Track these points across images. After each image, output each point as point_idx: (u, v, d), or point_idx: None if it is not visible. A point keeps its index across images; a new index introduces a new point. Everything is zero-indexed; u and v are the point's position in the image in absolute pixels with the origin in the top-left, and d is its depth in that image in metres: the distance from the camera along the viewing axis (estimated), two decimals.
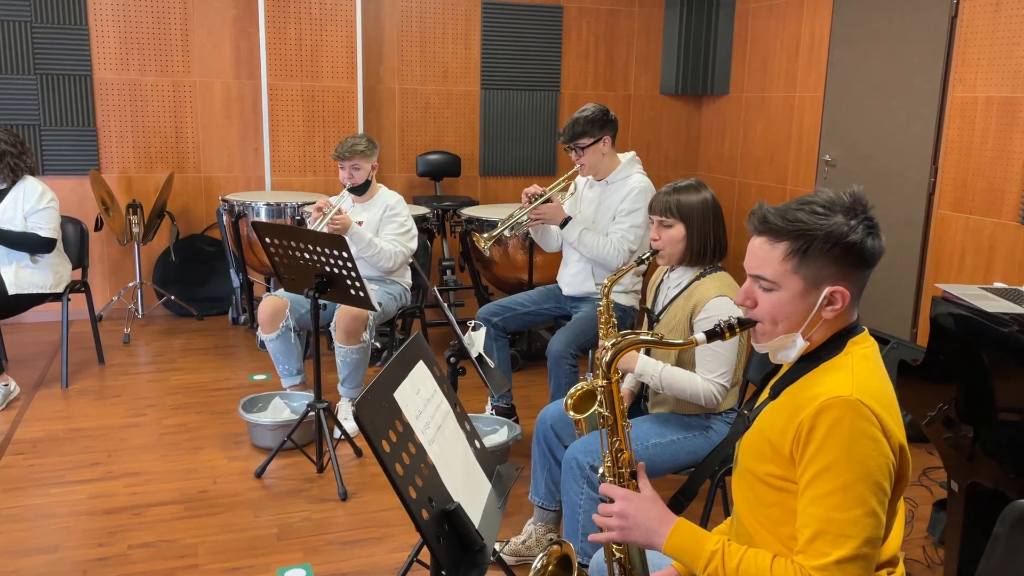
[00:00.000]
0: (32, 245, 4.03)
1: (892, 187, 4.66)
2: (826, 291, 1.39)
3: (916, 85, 4.48)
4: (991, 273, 4.11)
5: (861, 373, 1.37)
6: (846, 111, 5.01)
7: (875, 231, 1.40)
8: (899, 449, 1.35)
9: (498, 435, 3.48)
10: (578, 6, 6.05)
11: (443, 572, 1.42)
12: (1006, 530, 1.59)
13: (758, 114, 5.84)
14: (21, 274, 4.04)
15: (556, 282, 3.69)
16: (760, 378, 1.58)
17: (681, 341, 1.47)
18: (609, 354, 1.50)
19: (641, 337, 1.50)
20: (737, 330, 1.45)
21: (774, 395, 1.48)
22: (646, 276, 3.43)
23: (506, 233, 3.51)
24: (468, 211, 4.77)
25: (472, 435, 1.79)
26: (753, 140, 5.91)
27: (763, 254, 1.42)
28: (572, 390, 2.52)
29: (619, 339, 1.49)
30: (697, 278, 2.45)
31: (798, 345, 1.43)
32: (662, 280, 2.61)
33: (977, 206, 4.16)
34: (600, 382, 1.52)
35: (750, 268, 1.45)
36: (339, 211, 3.62)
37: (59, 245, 4.19)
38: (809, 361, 1.44)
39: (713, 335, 1.46)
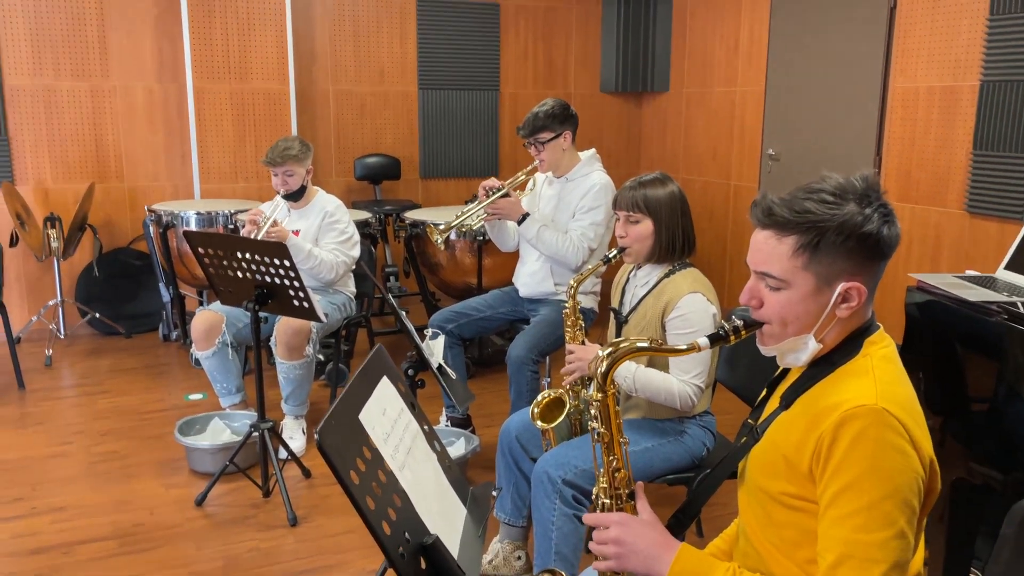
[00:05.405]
0: None
1: None
2: (840, 288, 1.27)
3: (857, 77, 4.48)
4: (938, 262, 4.13)
5: (884, 378, 1.25)
6: (788, 105, 5.00)
7: (891, 218, 1.28)
8: (928, 463, 1.24)
9: (455, 448, 3.32)
10: (515, 4, 5.92)
11: None
12: (1014, 531, 1.51)
13: (699, 110, 5.81)
14: None
15: (510, 283, 3.55)
16: (767, 384, 1.45)
17: (684, 346, 1.33)
18: (605, 364, 1.35)
19: (639, 344, 1.35)
20: (743, 333, 1.32)
21: (786, 405, 1.34)
22: (607, 276, 3.31)
23: (462, 226, 3.33)
24: (412, 214, 4.60)
25: (443, 456, 1.63)
26: (695, 136, 5.88)
27: (769, 249, 1.28)
28: (539, 398, 2.38)
29: (615, 348, 1.35)
30: (667, 275, 2.34)
31: (810, 348, 1.30)
32: (628, 279, 2.49)
33: (922, 196, 4.18)
34: (596, 395, 1.37)
35: (755, 264, 1.31)
36: (274, 223, 3.41)
37: None
38: (823, 366, 1.31)
39: (716, 339, 1.33)
